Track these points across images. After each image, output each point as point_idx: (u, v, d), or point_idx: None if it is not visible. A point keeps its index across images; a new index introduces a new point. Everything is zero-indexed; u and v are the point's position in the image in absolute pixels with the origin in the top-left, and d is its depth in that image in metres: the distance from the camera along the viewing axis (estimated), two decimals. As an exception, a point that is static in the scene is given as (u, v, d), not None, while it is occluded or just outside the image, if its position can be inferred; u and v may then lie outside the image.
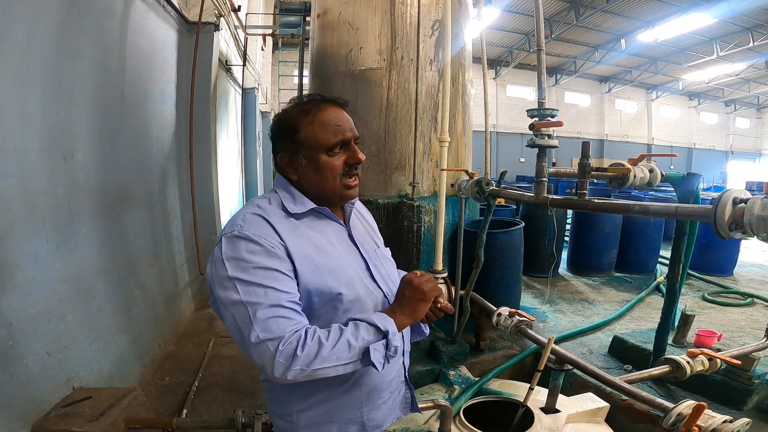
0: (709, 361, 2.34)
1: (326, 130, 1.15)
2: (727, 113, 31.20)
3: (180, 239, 4.64)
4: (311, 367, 0.99)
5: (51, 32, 2.51)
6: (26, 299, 2.24)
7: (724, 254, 5.72)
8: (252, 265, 1.04)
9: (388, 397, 1.27)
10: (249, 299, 1.02)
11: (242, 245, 1.06)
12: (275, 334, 1.00)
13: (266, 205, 1.17)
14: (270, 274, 1.05)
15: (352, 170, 1.19)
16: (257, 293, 1.02)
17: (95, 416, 2.17)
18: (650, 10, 15.87)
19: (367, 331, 1.05)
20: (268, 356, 0.98)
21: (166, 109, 4.45)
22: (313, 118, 1.16)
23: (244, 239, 1.07)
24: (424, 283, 1.13)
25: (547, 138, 2.28)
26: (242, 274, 1.04)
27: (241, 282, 1.03)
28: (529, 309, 4.35)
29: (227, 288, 1.04)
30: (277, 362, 0.98)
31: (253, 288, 1.03)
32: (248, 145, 9.46)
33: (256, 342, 0.99)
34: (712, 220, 1.53)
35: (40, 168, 2.42)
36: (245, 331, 1.01)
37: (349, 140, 1.17)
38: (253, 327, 1.00)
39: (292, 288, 1.07)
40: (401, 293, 1.15)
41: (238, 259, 1.05)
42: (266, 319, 1.00)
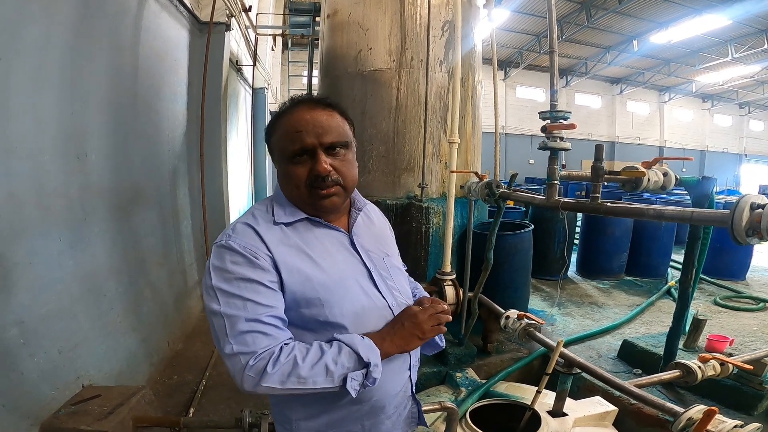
0: (720, 366, 2.31)
1: (286, 136, 1.10)
2: (740, 116, 30.78)
3: (189, 239, 4.68)
4: (286, 386, 0.98)
5: (65, 33, 2.54)
6: (39, 298, 2.26)
7: (737, 258, 5.65)
8: (234, 276, 1.03)
9: (393, 412, 1.21)
10: (227, 311, 1.01)
11: (227, 255, 1.05)
12: (249, 348, 0.99)
13: (260, 213, 1.15)
14: (251, 286, 1.03)
15: (319, 182, 1.09)
16: (236, 305, 1.01)
17: (104, 414, 2.18)
18: (664, 12, 15.70)
19: (349, 358, 1.01)
20: (239, 369, 0.99)
21: (178, 109, 4.48)
22: (281, 123, 1.12)
23: (229, 249, 1.05)
24: (425, 322, 1.10)
25: (560, 140, 2.26)
26: (224, 284, 1.03)
27: (223, 292, 1.02)
28: (537, 312, 4.32)
29: (210, 297, 1.04)
30: (246, 375, 0.98)
31: (233, 300, 1.02)
32: (257, 145, 9.51)
33: (230, 354, 0.99)
34: (729, 226, 1.51)
35: (54, 168, 2.45)
36: (221, 341, 1.01)
37: (307, 148, 1.08)
38: (228, 339, 1.00)
39: (274, 301, 1.04)
40: (399, 322, 1.12)
41: (222, 269, 1.04)
42: (241, 333, 1.00)
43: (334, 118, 1.13)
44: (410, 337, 1.10)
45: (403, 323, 1.11)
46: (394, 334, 1.09)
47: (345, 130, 1.15)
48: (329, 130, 1.10)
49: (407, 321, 1.11)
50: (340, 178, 1.11)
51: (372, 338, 1.07)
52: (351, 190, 1.18)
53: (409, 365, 1.24)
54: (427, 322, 1.11)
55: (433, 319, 1.12)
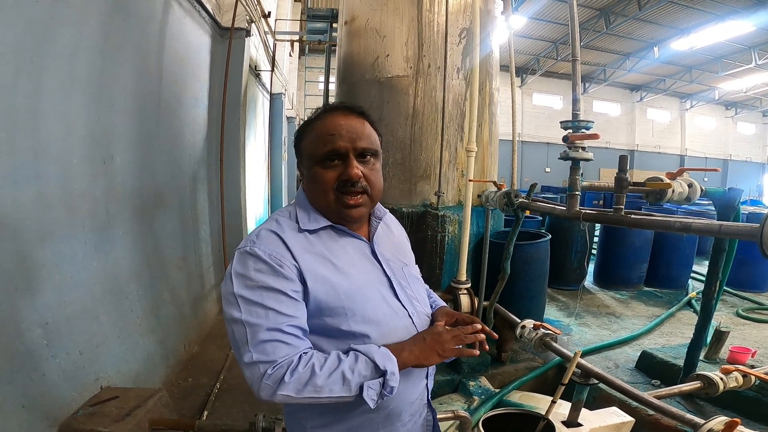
0: (743, 378, 2.26)
1: (319, 139, 1.10)
2: (764, 124, 30.05)
3: (208, 242, 4.74)
4: (302, 394, 0.98)
5: (95, 36, 2.58)
6: (63, 299, 2.30)
7: (760, 270, 5.52)
8: (257, 284, 1.03)
9: (408, 420, 1.20)
10: (249, 319, 1.01)
11: (251, 262, 1.04)
12: (268, 357, 0.99)
13: (285, 219, 1.14)
14: (274, 295, 1.02)
15: (348, 187, 1.09)
16: (258, 314, 1.01)
17: (121, 416, 2.21)
18: (685, 18, 15.47)
19: (365, 366, 1.01)
20: (257, 377, 0.99)
21: (199, 113, 4.55)
22: (313, 127, 1.13)
23: (254, 256, 1.05)
24: (449, 342, 1.10)
25: (581, 150, 2.24)
26: (246, 292, 1.02)
27: (244, 300, 1.02)
28: (553, 322, 4.27)
29: (231, 304, 1.03)
30: (264, 384, 0.98)
31: (254, 308, 1.01)
32: (274, 150, 9.60)
33: (249, 362, 0.99)
34: (758, 240, 1.48)
35: (81, 172, 2.50)
36: (241, 349, 1.01)
37: (341, 151, 1.08)
38: (248, 347, 1.00)
39: (296, 311, 1.04)
40: (422, 336, 1.12)
41: (245, 276, 1.04)
42: (262, 342, 0.99)
43: (366, 126, 1.15)
44: (430, 353, 1.10)
45: (424, 338, 1.11)
46: (413, 347, 1.09)
47: (375, 140, 1.16)
48: (362, 136, 1.11)
49: (429, 337, 1.11)
50: (368, 186, 1.12)
51: (390, 348, 1.07)
52: (376, 200, 1.19)
53: (427, 373, 1.24)
54: (449, 342, 1.10)
55: (456, 340, 1.11)
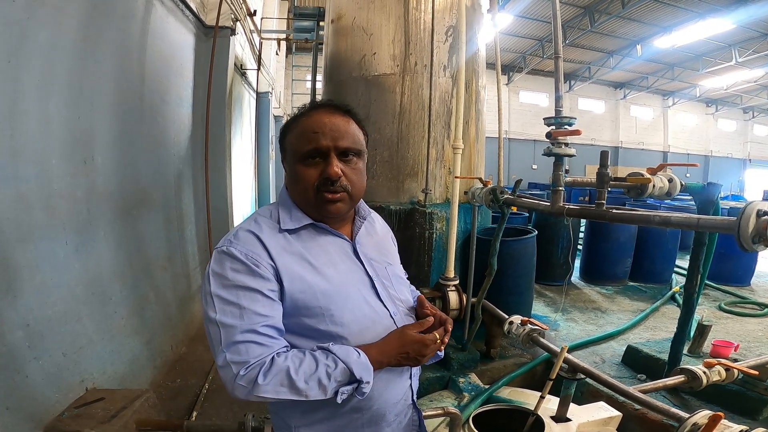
0: (726, 372, 2.31)
1: (302, 136, 1.11)
2: (745, 120, 30.68)
3: (194, 242, 4.69)
4: (279, 396, 0.99)
5: (74, 36, 2.55)
6: (44, 301, 2.27)
7: (742, 264, 5.64)
8: (233, 283, 1.03)
9: (393, 420, 1.20)
10: (223, 319, 1.01)
11: (227, 262, 1.05)
12: (241, 357, 0.99)
13: (264, 219, 1.15)
14: (250, 294, 1.02)
15: (328, 185, 1.09)
16: (232, 313, 1.01)
17: (107, 418, 2.19)
18: (667, 16, 15.70)
19: (343, 374, 1.02)
20: (230, 378, 0.98)
21: (183, 113, 4.50)
22: (298, 123, 1.13)
23: (230, 256, 1.05)
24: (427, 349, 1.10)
25: (564, 147, 2.26)
26: (222, 291, 1.03)
27: (220, 300, 1.02)
28: (540, 317, 4.31)
29: (207, 303, 1.03)
30: (237, 385, 0.98)
31: (229, 307, 1.01)
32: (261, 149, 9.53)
33: (222, 364, 0.99)
34: (735, 233, 1.50)
35: (61, 172, 2.46)
36: (216, 350, 1.01)
37: (321, 149, 1.09)
38: (222, 348, 1.00)
39: (271, 311, 1.04)
40: (401, 343, 1.10)
41: (221, 275, 1.04)
42: (235, 343, 0.99)
43: (351, 125, 1.14)
44: (407, 360, 1.10)
45: (404, 345, 1.10)
46: (390, 353, 1.09)
47: (360, 139, 1.16)
48: (345, 135, 1.11)
49: (409, 345, 1.10)
50: (348, 185, 1.12)
51: (369, 353, 1.06)
52: (357, 199, 1.19)
53: (410, 374, 1.24)
54: (428, 347, 1.10)
55: (436, 347, 1.12)
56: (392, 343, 1.10)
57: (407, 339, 1.11)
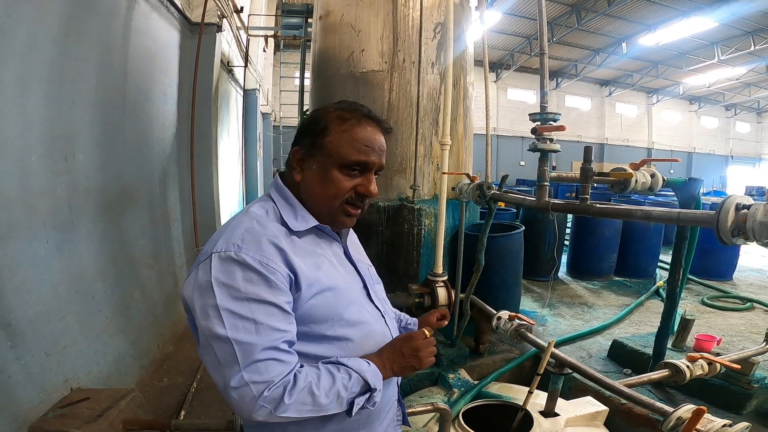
0: (708, 366, 2.34)
1: (353, 144, 1.05)
2: (727, 117, 31.23)
3: (180, 240, 4.64)
4: (302, 414, 0.94)
5: (54, 32, 2.51)
6: (26, 300, 2.23)
7: (724, 259, 5.73)
8: (246, 295, 0.93)
9: (384, 417, 1.20)
10: (238, 336, 0.91)
11: (238, 271, 0.94)
12: (262, 377, 0.91)
13: (267, 220, 1.04)
14: (265, 308, 0.94)
15: (358, 201, 1.08)
16: (248, 329, 0.92)
17: (93, 417, 2.16)
18: (652, 14, 15.90)
19: (357, 384, 1.00)
20: (249, 399, 0.90)
21: (168, 109, 4.45)
22: (347, 128, 1.06)
23: (241, 264, 0.94)
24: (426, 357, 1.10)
25: (549, 142, 2.28)
26: (233, 304, 0.92)
27: (231, 314, 0.91)
28: (528, 313, 4.34)
29: (211, 318, 0.92)
30: (259, 406, 0.90)
31: (243, 323, 0.92)
32: (249, 146, 9.47)
33: (238, 384, 0.90)
34: (714, 227, 1.52)
35: (41, 169, 2.42)
36: (227, 371, 0.91)
37: (369, 165, 1.07)
38: (240, 368, 0.90)
39: (287, 325, 0.97)
40: (400, 351, 1.10)
41: (230, 286, 0.93)
42: (255, 362, 0.91)
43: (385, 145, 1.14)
44: (408, 369, 1.10)
45: (403, 353, 1.10)
46: (394, 362, 1.09)
47: None
48: (384, 156, 1.12)
49: (408, 352, 1.09)
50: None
51: (375, 363, 1.06)
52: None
53: None
54: (427, 357, 1.10)
55: (432, 352, 1.13)
56: (395, 351, 1.10)
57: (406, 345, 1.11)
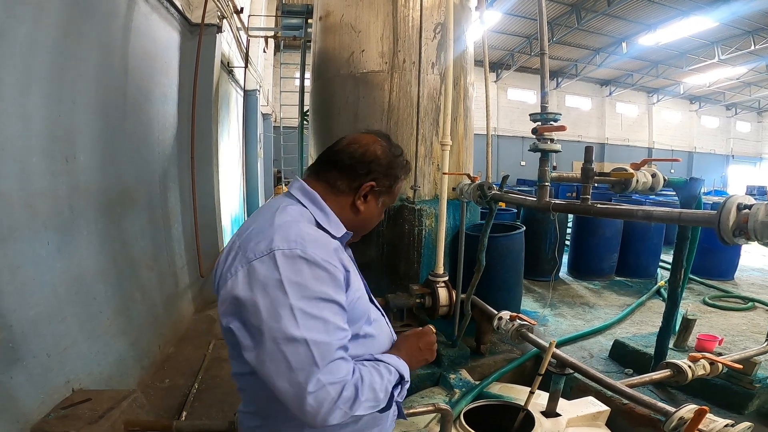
0: (710, 366, 2.33)
1: (396, 195, 1.25)
2: (728, 117, 31.21)
3: (180, 241, 4.64)
4: (366, 411, 0.96)
5: (53, 34, 2.51)
6: (27, 301, 2.23)
7: (725, 258, 5.72)
8: (316, 294, 0.92)
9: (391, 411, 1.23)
10: (313, 337, 0.90)
11: (306, 269, 0.93)
12: (336, 378, 0.90)
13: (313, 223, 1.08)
14: (333, 307, 0.94)
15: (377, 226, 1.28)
16: (320, 329, 0.91)
17: (95, 418, 2.17)
18: (652, 14, 15.90)
19: (394, 378, 1.05)
20: (329, 402, 0.89)
21: (168, 110, 4.45)
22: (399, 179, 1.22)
23: (310, 262, 0.94)
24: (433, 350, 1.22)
25: (550, 142, 2.28)
26: (305, 304, 0.91)
27: (304, 314, 0.90)
28: (529, 313, 4.34)
29: (283, 318, 0.89)
30: (337, 408, 0.90)
31: (316, 323, 0.91)
32: (249, 147, 9.46)
33: (315, 388, 0.88)
34: (716, 226, 1.52)
35: (42, 170, 2.42)
36: (302, 374, 0.88)
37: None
38: (316, 369, 0.89)
39: (346, 324, 0.99)
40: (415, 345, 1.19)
41: (302, 285, 0.92)
42: (330, 362, 0.91)
43: None
44: (423, 362, 1.20)
45: (420, 348, 1.19)
46: (411, 356, 1.16)
47: None
48: None
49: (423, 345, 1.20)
50: None
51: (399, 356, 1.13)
52: None
53: None
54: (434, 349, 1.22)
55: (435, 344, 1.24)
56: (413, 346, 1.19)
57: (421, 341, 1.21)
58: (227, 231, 6.33)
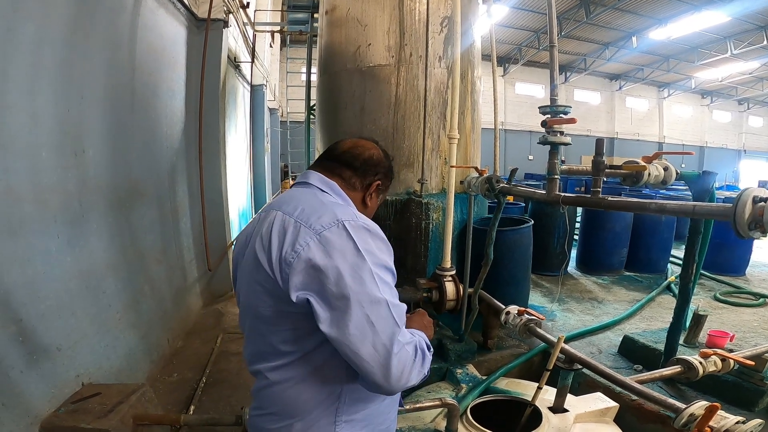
0: (722, 362, 2.31)
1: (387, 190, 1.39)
2: (740, 112, 30.80)
3: (189, 235, 4.66)
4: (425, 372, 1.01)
5: (61, 29, 2.52)
6: (37, 295, 2.24)
7: (737, 254, 5.66)
8: (382, 262, 1.00)
9: (398, 400, 1.31)
10: (391, 299, 0.96)
11: (369, 238, 1.01)
12: (408, 338, 0.98)
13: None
14: (391, 277, 1.02)
15: None
16: (392, 294, 0.99)
17: (104, 413, 2.18)
18: (663, 8, 15.69)
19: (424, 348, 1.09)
20: (409, 362, 0.95)
21: (176, 105, 4.46)
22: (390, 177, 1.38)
23: (371, 232, 1.02)
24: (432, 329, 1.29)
25: (560, 135, 2.25)
26: (379, 270, 0.98)
27: (380, 279, 0.97)
28: (537, 308, 4.32)
29: (366, 282, 0.95)
30: (414, 368, 0.97)
31: (388, 288, 0.98)
32: (256, 141, 9.48)
33: (399, 350, 0.94)
34: (731, 219, 1.49)
35: (51, 164, 2.43)
36: (385, 336, 0.93)
37: None
38: (399, 330, 0.95)
39: None
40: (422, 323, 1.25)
41: (371, 252, 0.98)
42: (402, 324, 0.98)
43: None
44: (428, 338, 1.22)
45: (424, 324, 1.25)
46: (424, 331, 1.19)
47: None
48: None
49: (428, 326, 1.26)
50: None
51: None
52: None
53: None
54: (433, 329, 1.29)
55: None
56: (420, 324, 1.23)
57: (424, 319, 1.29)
58: (235, 225, 6.35)
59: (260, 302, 1.07)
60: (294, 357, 1.05)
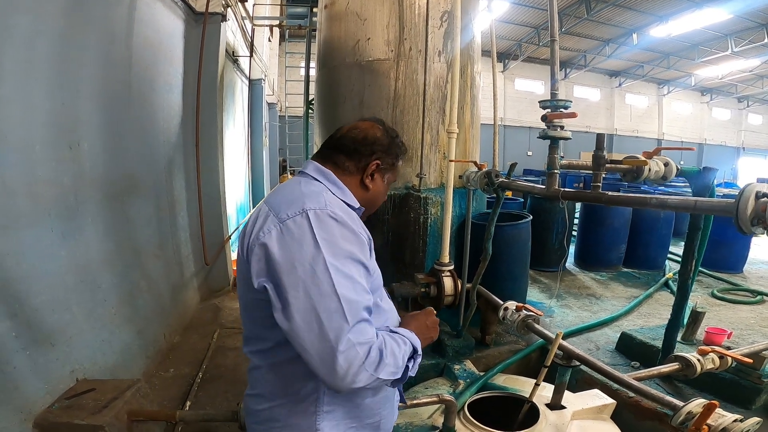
0: (720, 359, 2.30)
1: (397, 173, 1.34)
2: (739, 109, 30.78)
3: (186, 230, 4.64)
4: (388, 376, 0.95)
5: (56, 22, 2.49)
6: (31, 289, 2.22)
7: (735, 251, 5.65)
8: (346, 253, 0.95)
9: (392, 395, 1.27)
10: (345, 294, 0.90)
11: (336, 228, 0.96)
12: (364, 338, 0.91)
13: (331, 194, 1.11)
14: (359, 269, 0.97)
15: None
16: (347, 287, 0.92)
17: (99, 408, 2.17)
18: (663, 5, 15.63)
19: (409, 349, 1.05)
20: (357, 362, 0.89)
21: (173, 99, 4.43)
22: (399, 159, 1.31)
23: (337, 221, 0.97)
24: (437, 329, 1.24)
25: (560, 129, 2.23)
26: (337, 261, 0.92)
27: (337, 271, 0.91)
28: (535, 303, 4.30)
29: (317, 273, 0.91)
30: (363, 369, 0.90)
31: (345, 281, 0.92)
32: (255, 136, 9.44)
33: (346, 347, 0.88)
34: (734, 215, 1.48)
35: (46, 158, 2.41)
36: (332, 333, 0.89)
37: None
38: (348, 328, 0.89)
39: (370, 288, 1.01)
40: (423, 323, 1.20)
41: (331, 242, 0.94)
42: (358, 322, 0.91)
43: None
44: (429, 340, 1.20)
45: (428, 326, 1.20)
46: (420, 333, 1.15)
47: None
48: None
49: (430, 323, 1.22)
50: None
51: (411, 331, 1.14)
52: None
53: None
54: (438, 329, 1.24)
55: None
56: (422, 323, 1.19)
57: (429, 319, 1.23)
58: (232, 220, 6.34)
59: (241, 289, 1.10)
60: (271, 343, 1.06)
